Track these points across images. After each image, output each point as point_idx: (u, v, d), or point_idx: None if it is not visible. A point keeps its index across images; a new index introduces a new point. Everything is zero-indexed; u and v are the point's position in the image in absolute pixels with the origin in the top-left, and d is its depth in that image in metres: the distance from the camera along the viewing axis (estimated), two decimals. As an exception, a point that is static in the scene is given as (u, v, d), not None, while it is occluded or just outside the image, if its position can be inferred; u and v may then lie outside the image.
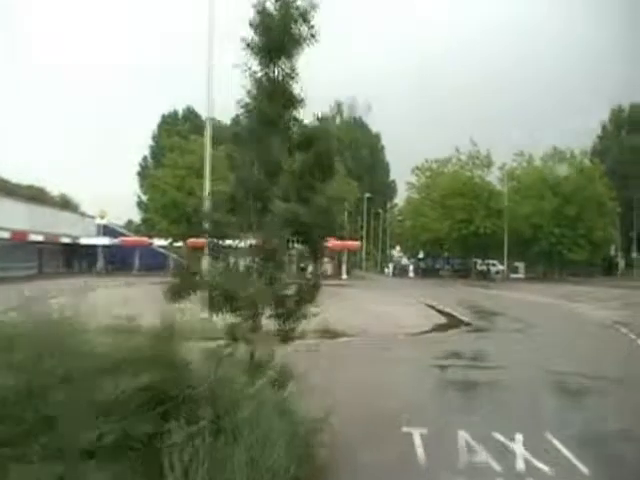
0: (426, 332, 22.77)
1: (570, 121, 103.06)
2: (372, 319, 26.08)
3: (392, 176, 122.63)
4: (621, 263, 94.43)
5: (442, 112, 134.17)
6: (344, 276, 72.87)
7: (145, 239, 73.12)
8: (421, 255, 79.05)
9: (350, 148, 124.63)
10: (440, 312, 30.92)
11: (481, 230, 70.77)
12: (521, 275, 76.89)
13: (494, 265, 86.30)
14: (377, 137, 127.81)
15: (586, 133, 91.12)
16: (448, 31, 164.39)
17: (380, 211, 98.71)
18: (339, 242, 75.25)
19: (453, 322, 26.74)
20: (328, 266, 77.12)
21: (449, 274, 79.42)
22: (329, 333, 20.44)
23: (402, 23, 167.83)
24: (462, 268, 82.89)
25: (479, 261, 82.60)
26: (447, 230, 71.58)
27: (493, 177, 77.57)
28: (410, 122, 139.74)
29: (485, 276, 78.86)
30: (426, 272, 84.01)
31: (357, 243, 76.37)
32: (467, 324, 25.89)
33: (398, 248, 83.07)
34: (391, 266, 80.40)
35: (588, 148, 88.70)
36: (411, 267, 79.72)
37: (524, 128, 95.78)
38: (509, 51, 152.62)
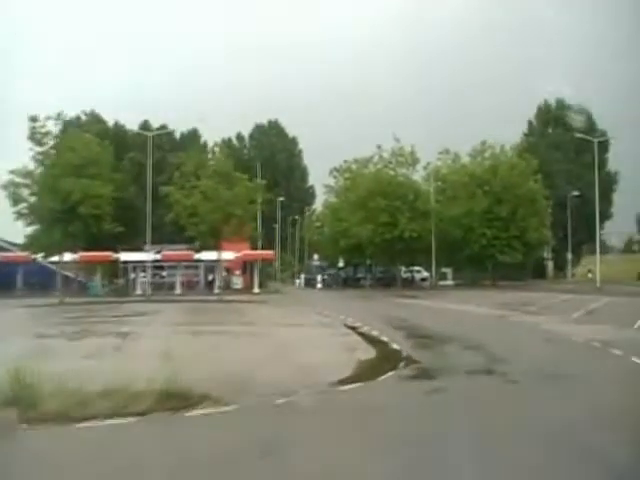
0: (345, 382, 13.72)
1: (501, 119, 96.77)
2: (268, 355, 17.29)
3: (312, 181, 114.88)
4: (550, 265, 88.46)
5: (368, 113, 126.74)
6: (256, 290, 63.82)
7: (27, 254, 62.01)
8: (341, 264, 70.58)
9: (265, 152, 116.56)
10: (365, 337, 22.19)
11: (406, 234, 62.77)
12: (450, 282, 69.34)
13: (419, 272, 78.93)
14: (294, 141, 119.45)
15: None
16: (371, 31, 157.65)
17: (297, 218, 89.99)
18: (252, 252, 66.39)
19: (385, 356, 17.92)
20: (239, 279, 67.95)
21: (372, 283, 71.24)
22: (174, 399, 11.36)
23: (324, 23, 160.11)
24: (386, 276, 75.02)
25: (404, 268, 74.84)
26: (369, 235, 63.28)
27: (419, 177, 70.07)
28: (329, 125, 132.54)
29: (411, 284, 71.14)
30: (347, 282, 75.75)
31: (271, 253, 67.27)
32: (406, 359, 17.10)
33: (316, 257, 74.58)
34: (302, 277, 71.52)
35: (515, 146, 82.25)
36: (318, 278, 71.03)
37: (451, 126, 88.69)
38: (431, 47, 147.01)
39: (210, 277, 66.12)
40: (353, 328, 25.09)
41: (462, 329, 24.89)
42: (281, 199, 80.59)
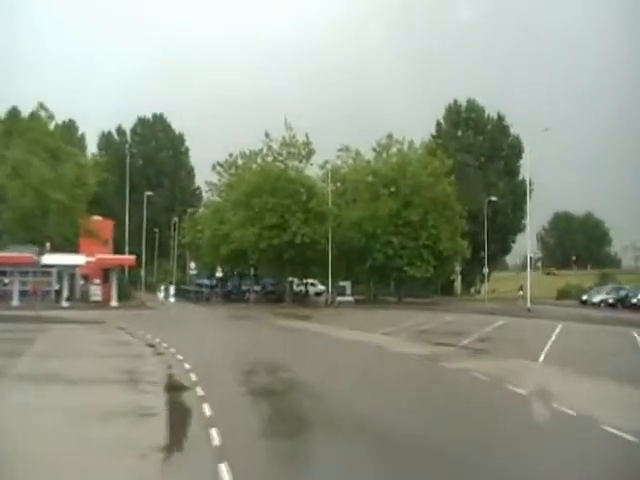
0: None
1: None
2: None
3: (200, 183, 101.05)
4: (458, 281, 78.26)
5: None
6: (114, 303, 50.11)
7: None
8: (219, 273, 57.38)
9: (148, 149, 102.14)
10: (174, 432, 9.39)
11: (298, 239, 50.49)
12: (349, 298, 57.40)
13: (313, 285, 66.90)
14: (181, 138, 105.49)
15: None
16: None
17: (177, 220, 76.08)
18: (106, 256, 52.36)
19: None
20: (98, 289, 53.80)
21: (258, 298, 58.53)
22: None
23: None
24: (274, 290, 62.60)
25: (296, 281, 62.60)
26: (253, 239, 50.59)
27: (315, 175, 57.99)
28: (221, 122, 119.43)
29: (304, 300, 58.94)
30: (230, 296, 62.75)
31: (131, 258, 53.33)
32: None
33: (193, 265, 61.28)
34: (163, 289, 57.89)
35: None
36: (171, 289, 57.71)
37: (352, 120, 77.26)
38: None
39: (57, 286, 51.75)
40: (177, 388, 12.43)
41: (379, 396, 12.59)
42: (149, 193, 66.51)
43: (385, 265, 54.22)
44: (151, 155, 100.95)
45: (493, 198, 64.35)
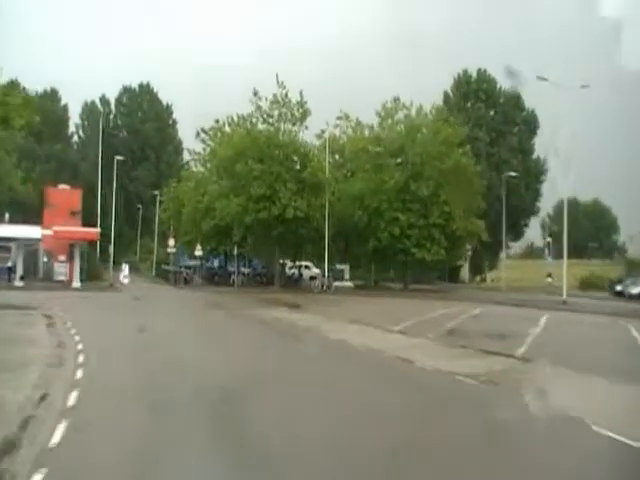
0: None
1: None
2: None
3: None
4: (466, 267, 70.15)
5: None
6: (75, 283, 42.34)
7: None
8: (198, 252, 49.02)
9: (133, 120, 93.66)
10: None
11: (289, 213, 42.32)
12: (348, 283, 49.29)
13: (307, 268, 58.88)
14: (168, 109, 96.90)
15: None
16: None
17: (157, 194, 67.58)
18: (65, 229, 44.04)
19: None
20: (64, 267, 46.01)
21: (244, 281, 50.45)
22: None
23: None
24: (263, 273, 54.50)
25: (289, 263, 54.62)
26: (237, 212, 42.45)
27: (309, 141, 49.50)
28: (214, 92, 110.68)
29: (296, 284, 50.96)
30: (213, 278, 54.65)
31: (93, 231, 45.01)
32: None
33: (172, 242, 53.06)
34: (125, 268, 49.21)
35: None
36: (125, 269, 49.01)
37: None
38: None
39: (9, 263, 43.74)
40: None
41: None
42: (120, 158, 58.12)
43: (390, 246, 46.10)
44: (136, 127, 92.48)
45: (512, 173, 56.22)
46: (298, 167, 45.02)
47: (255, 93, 44.92)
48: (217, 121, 49.12)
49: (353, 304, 32.87)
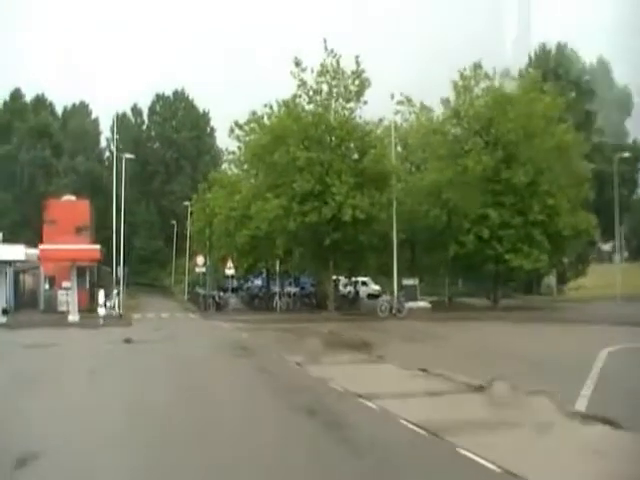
0: None
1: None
2: None
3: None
4: (551, 274, 57.32)
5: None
6: (72, 317, 31.93)
7: None
8: (230, 271, 37.60)
9: (167, 130, 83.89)
10: None
11: (346, 214, 31.02)
12: (423, 303, 37.45)
13: (365, 284, 47.83)
14: (205, 117, 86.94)
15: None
16: None
17: (188, 204, 56.79)
18: (59, 247, 33.56)
19: None
20: (70, 295, 35.49)
21: (289, 303, 39.38)
22: None
23: None
24: (312, 293, 43.38)
25: (342, 279, 43.44)
26: (277, 217, 31.39)
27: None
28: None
29: (353, 305, 39.85)
30: (255, 301, 43.82)
31: (93, 248, 34.00)
32: None
33: (201, 260, 42.32)
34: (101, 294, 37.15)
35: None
36: (100, 295, 35.33)
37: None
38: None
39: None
40: None
41: None
42: (130, 156, 47.65)
43: (476, 252, 34.40)
44: (170, 137, 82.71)
45: (625, 154, 44.07)
46: (356, 156, 33.83)
47: (297, 63, 33.73)
48: (254, 113, 37.72)
49: (459, 341, 21.26)
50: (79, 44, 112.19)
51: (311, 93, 34.20)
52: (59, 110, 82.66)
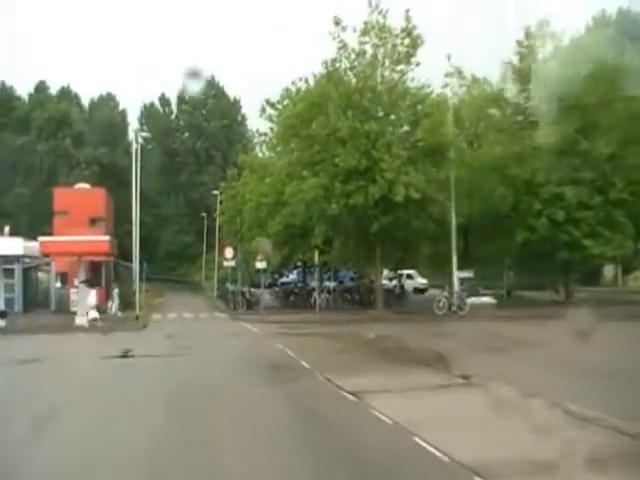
0: None
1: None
2: None
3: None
4: (614, 266, 51.32)
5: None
6: (80, 320, 27.36)
7: None
8: (260, 264, 32.39)
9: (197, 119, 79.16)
10: None
11: (398, 193, 25.66)
12: (486, 298, 31.85)
13: (410, 277, 42.86)
14: (236, 105, 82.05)
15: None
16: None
17: (216, 194, 51.85)
18: (62, 239, 28.69)
19: None
20: (92, 295, 30.64)
21: (329, 300, 34.29)
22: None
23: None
24: (354, 288, 38.31)
25: (386, 272, 38.41)
26: (317, 198, 26.17)
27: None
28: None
29: (399, 301, 34.78)
30: (290, 298, 39.04)
31: (101, 240, 28.78)
32: None
33: (230, 253, 37.30)
34: (115, 296, 32.63)
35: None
36: (91, 296, 28.18)
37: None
38: None
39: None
40: None
41: None
42: (145, 134, 43.12)
43: (548, 238, 28.86)
44: (200, 126, 78.08)
45: None
46: (406, 127, 28.56)
47: (337, 22, 28.41)
48: (287, 90, 32.39)
49: (560, 350, 15.77)
50: (104, 35, 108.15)
51: (353, 56, 28.87)
52: (85, 103, 79.12)
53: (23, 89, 71.71)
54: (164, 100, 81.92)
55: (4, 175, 57.53)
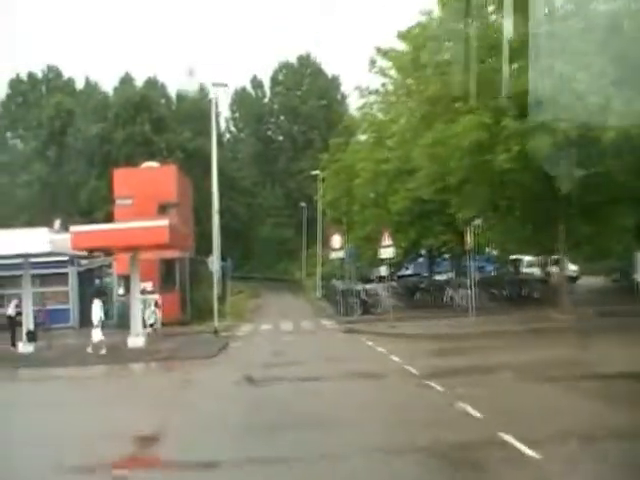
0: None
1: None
2: None
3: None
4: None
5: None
6: (135, 339, 18.98)
7: None
8: (387, 251, 22.97)
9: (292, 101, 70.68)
10: None
11: (609, 132, 15.44)
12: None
13: (556, 263, 32.05)
14: (334, 82, 72.97)
15: None
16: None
17: (317, 173, 42.81)
18: (97, 228, 19.87)
19: None
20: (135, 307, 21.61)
21: (463, 296, 24.14)
22: None
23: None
24: (496, 277, 29.63)
25: (527, 258, 29.10)
26: (475, 145, 16.44)
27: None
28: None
29: (554, 296, 24.35)
30: (413, 294, 29.94)
31: (158, 227, 19.59)
32: None
33: (337, 242, 28.28)
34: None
35: None
36: (98, 307, 18.53)
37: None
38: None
39: (10, 307, 20.82)
40: None
41: None
42: (222, 83, 34.14)
43: None
44: (296, 108, 69.53)
45: None
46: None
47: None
48: (402, 35, 22.72)
49: None
50: (189, 23, 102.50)
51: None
52: (172, 93, 72.48)
53: (108, 84, 65.90)
54: (256, 82, 74.13)
55: (80, 169, 51.41)
